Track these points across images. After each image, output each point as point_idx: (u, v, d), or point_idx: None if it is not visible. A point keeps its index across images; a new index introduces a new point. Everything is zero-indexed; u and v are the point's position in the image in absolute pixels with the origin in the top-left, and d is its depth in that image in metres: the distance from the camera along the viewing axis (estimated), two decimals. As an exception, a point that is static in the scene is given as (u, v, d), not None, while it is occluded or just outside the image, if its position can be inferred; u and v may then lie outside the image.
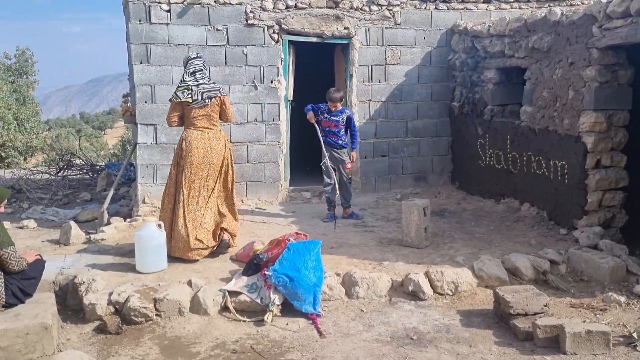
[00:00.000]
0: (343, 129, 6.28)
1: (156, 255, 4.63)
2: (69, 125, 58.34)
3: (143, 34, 6.57)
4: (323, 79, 9.01)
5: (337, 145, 6.28)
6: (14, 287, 3.83)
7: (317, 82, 9.43)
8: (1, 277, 3.79)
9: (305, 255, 4.24)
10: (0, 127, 21.45)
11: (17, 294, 3.85)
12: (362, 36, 7.31)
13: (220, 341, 3.80)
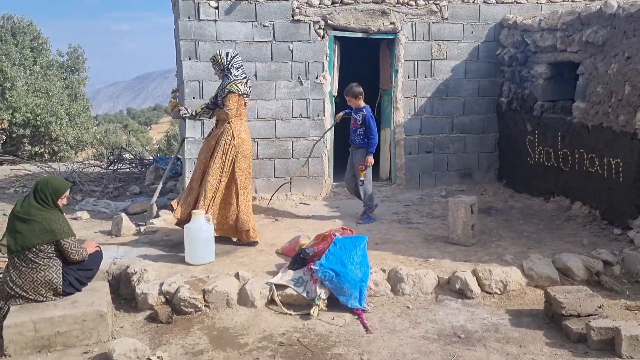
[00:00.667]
0: (361, 129, 6.07)
1: (205, 247, 4.73)
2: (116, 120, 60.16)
3: (192, 31, 6.70)
4: (367, 74, 8.98)
5: (355, 143, 6.19)
6: (72, 277, 3.99)
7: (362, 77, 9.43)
8: (60, 267, 3.95)
9: (352, 250, 4.25)
10: (53, 122, 22.31)
11: (74, 284, 4.01)
12: (408, 31, 7.23)
13: (267, 333, 3.86)
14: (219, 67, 5.23)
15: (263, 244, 5.35)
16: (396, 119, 7.37)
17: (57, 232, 3.89)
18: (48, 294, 3.87)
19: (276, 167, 7.08)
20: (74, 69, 27.59)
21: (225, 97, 5.15)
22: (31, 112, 21.45)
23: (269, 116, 6.99)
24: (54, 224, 3.90)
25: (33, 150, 22.11)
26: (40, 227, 3.85)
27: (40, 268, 3.87)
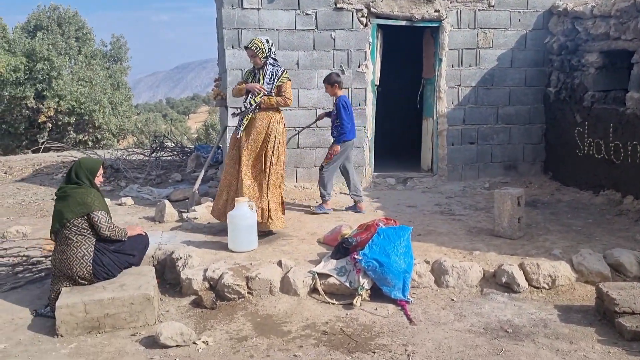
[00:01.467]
0: (337, 120, 5.97)
1: (248, 235, 4.75)
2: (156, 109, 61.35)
3: (235, 19, 6.72)
4: (410, 63, 8.86)
5: (333, 136, 6.10)
6: (106, 257, 4.01)
7: (404, 66, 9.31)
8: (92, 244, 4.00)
9: (395, 241, 4.20)
10: (96, 111, 22.90)
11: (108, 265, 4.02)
12: (453, 19, 7.08)
13: (310, 322, 3.85)
14: (262, 54, 5.17)
15: (304, 232, 5.35)
16: (439, 108, 7.24)
17: (88, 205, 3.96)
18: (80, 272, 3.92)
19: (317, 157, 7.06)
20: (116, 59, 28.18)
21: (285, 85, 5.18)
22: (76, 101, 22.06)
23: (310, 105, 6.97)
24: (86, 197, 3.98)
25: (77, 137, 22.76)
26: (73, 201, 3.96)
27: (74, 244, 3.94)
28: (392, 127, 9.30)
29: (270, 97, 5.17)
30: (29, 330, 3.76)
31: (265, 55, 5.16)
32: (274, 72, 5.18)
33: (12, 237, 5.63)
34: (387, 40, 7.48)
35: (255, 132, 5.16)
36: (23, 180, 8.50)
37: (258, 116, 5.19)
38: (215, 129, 32.59)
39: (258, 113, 5.19)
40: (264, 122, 5.17)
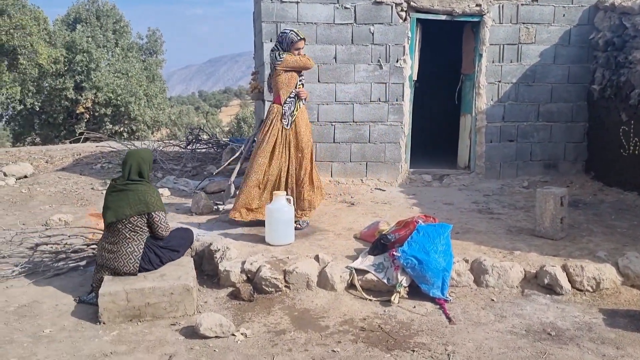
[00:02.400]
0: None
1: (285, 228, 4.76)
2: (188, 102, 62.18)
3: (274, 13, 6.72)
4: (448, 58, 8.74)
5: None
6: (152, 253, 4.09)
7: (442, 62, 9.19)
8: (143, 241, 4.06)
9: (435, 238, 4.14)
10: (132, 102, 23.32)
11: (153, 260, 4.07)
12: (495, 13, 6.93)
13: (348, 317, 3.84)
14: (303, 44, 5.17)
15: (341, 228, 5.33)
16: (478, 105, 7.11)
17: (150, 205, 4.03)
18: (126, 267, 3.98)
19: (352, 152, 7.02)
20: (152, 52, 28.62)
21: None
22: (112, 92, 22.51)
23: (347, 100, 6.93)
24: (148, 196, 4.04)
25: (113, 129, 23.24)
26: (135, 198, 4.00)
27: (126, 240, 4.00)
28: (428, 123, 9.17)
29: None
30: (72, 317, 3.85)
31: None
32: None
33: (54, 224, 5.77)
34: (426, 35, 7.37)
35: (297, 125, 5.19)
36: (64, 169, 8.70)
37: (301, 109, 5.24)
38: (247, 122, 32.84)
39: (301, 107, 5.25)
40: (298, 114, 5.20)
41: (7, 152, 10.75)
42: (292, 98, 5.13)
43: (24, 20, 20.14)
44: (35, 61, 20.48)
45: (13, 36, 19.88)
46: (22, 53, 20.29)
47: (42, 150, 10.94)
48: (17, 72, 20.61)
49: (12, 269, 4.53)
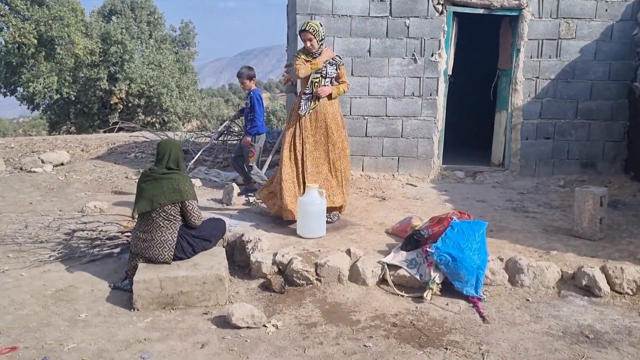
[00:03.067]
0: (251, 113, 6.04)
1: (317, 221, 4.74)
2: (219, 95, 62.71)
3: (309, 5, 6.69)
4: (483, 53, 8.59)
5: (247, 129, 6.13)
6: (185, 242, 4.13)
7: (477, 56, 9.03)
8: (176, 230, 4.10)
9: (470, 235, 4.07)
10: (164, 94, 23.61)
11: (185, 249, 4.12)
12: (534, 7, 6.76)
13: (379, 313, 3.81)
14: (318, 38, 5.00)
15: (372, 222, 5.29)
16: (514, 101, 6.96)
17: (184, 193, 4.06)
18: (160, 255, 4.03)
19: (384, 146, 6.96)
20: (184, 44, 28.90)
21: (343, 70, 5.17)
22: (145, 84, 22.82)
23: (380, 94, 6.86)
24: (182, 184, 4.07)
25: (145, 119, 23.59)
26: (169, 186, 4.03)
27: (160, 229, 4.04)
28: (460, 118, 9.03)
29: (339, 86, 5.15)
30: (107, 302, 3.91)
31: (320, 39, 5.03)
32: (335, 58, 5.11)
33: (90, 211, 5.88)
34: (461, 28, 7.24)
35: (319, 119, 5.10)
36: (99, 158, 8.86)
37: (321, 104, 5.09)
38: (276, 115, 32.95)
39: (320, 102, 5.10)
40: (330, 109, 5.10)
41: (45, 140, 11.01)
42: (307, 94, 5.09)
43: (62, 12, 20.59)
44: (71, 52, 20.92)
45: (51, 27, 20.35)
46: (60, 44, 20.77)
47: (77, 139, 11.17)
48: (54, 62, 21.10)
49: (49, 254, 4.63)
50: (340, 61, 5.15)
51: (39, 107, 24.09)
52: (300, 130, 5.13)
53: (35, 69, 20.68)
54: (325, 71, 5.07)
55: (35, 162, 7.75)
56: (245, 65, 6.37)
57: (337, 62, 5.12)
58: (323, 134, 5.09)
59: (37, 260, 4.52)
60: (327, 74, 5.08)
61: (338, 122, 5.14)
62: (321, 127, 5.09)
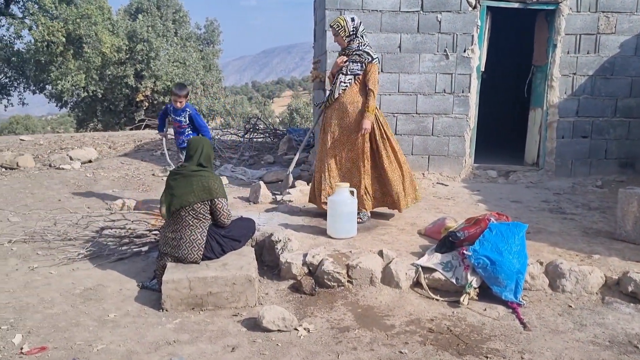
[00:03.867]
0: (188, 129, 5.88)
1: (348, 221, 4.62)
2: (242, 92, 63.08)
3: (338, 0, 6.55)
4: (516, 48, 8.36)
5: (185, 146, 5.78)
6: (214, 241, 4.05)
7: (510, 52, 8.80)
8: (206, 229, 4.02)
9: (509, 238, 3.90)
10: (189, 91, 23.76)
11: (215, 249, 4.04)
12: (572, 1, 6.52)
13: (414, 317, 3.67)
14: (344, 33, 4.84)
15: (403, 223, 5.15)
16: (550, 98, 6.73)
17: (213, 191, 3.98)
18: (190, 255, 3.96)
19: (414, 144, 6.80)
20: (209, 41, 29.03)
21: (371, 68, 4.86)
22: (171, 81, 22.95)
23: (410, 90, 6.70)
24: (212, 182, 4.00)
25: (170, 116, 23.75)
26: (199, 185, 3.96)
27: (189, 227, 3.97)
28: (491, 115, 8.80)
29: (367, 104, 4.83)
30: (135, 302, 3.85)
31: (348, 35, 4.84)
32: (361, 54, 4.83)
33: (118, 209, 5.86)
34: (493, 23, 7.03)
35: (346, 115, 4.94)
36: (126, 155, 8.87)
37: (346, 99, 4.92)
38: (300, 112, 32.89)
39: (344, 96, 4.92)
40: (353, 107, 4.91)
41: (72, 137, 11.11)
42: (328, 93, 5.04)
43: (89, 10, 20.81)
44: (99, 50, 21.15)
45: (79, 25, 20.58)
46: (87, 42, 20.99)
47: (104, 136, 11.24)
48: (82, 60, 21.35)
49: (78, 252, 4.60)
50: (367, 58, 4.81)
51: (67, 104, 24.43)
52: (324, 125, 5.10)
53: (63, 67, 20.95)
54: (347, 68, 4.89)
55: (64, 159, 7.79)
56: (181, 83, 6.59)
57: (364, 59, 4.83)
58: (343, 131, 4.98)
59: (66, 258, 4.49)
60: (347, 70, 4.89)
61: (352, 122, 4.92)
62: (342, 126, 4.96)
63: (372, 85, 4.82)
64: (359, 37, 4.86)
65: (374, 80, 4.83)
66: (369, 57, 4.82)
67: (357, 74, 4.85)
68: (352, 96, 4.88)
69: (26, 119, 43.30)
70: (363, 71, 4.84)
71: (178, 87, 5.94)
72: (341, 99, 4.91)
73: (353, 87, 4.88)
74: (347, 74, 4.85)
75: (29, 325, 3.46)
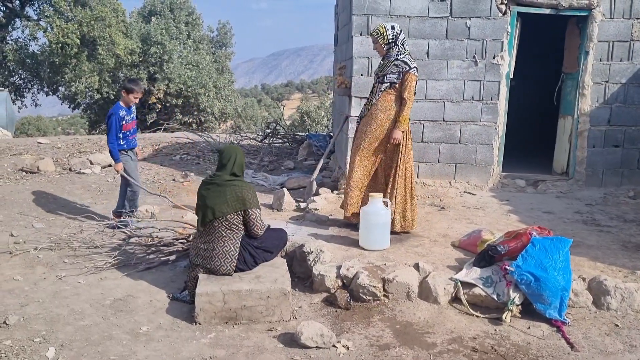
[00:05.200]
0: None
1: (381, 233, 4.50)
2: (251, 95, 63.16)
3: (365, 5, 6.44)
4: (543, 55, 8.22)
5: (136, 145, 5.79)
6: (247, 253, 3.95)
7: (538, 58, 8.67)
8: (239, 240, 3.91)
9: (554, 253, 3.76)
10: (202, 94, 23.72)
11: (247, 261, 3.94)
12: (606, 7, 6.36)
13: (456, 335, 3.54)
14: (383, 41, 4.72)
15: (435, 234, 5.02)
16: (581, 106, 6.57)
17: (247, 201, 3.88)
18: (223, 267, 3.86)
19: (441, 152, 6.67)
20: (222, 44, 29.03)
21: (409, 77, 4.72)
22: (183, 84, 22.97)
23: (438, 97, 6.57)
24: (246, 192, 3.90)
25: (183, 119, 23.74)
26: (233, 195, 3.86)
27: (222, 238, 3.87)
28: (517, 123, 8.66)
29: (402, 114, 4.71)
30: (167, 314, 3.75)
31: (387, 43, 4.72)
32: (398, 63, 4.70)
33: (141, 216, 5.77)
34: (523, 30, 6.89)
35: (377, 123, 4.84)
36: (145, 159, 8.79)
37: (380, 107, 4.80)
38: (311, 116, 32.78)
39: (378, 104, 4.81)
40: (385, 115, 4.80)
41: (89, 140, 11.04)
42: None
43: (104, 12, 20.84)
44: (112, 52, 21.17)
45: (94, 27, 20.61)
46: (101, 44, 21.01)
47: (121, 139, 11.17)
48: (95, 62, 21.37)
49: (105, 260, 4.51)
50: (404, 67, 4.69)
51: (80, 106, 24.48)
52: (356, 133, 4.99)
53: (77, 69, 20.98)
54: (384, 76, 4.78)
55: (84, 164, 7.72)
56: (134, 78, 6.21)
57: (401, 68, 4.71)
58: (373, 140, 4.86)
59: (94, 267, 4.40)
60: (384, 78, 4.78)
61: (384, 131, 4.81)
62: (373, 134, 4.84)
63: (407, 95, 4.71)
64: (398, 45, 4.75)
65: (410, 90, 4.72)
66: (407, 66, 4.70)
67: (393, 83, 4.73)
68: (385, 104, 4.77)
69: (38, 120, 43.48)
70: (400, 80, 4.72)
71: (135, 82, 5.64)
72: (375, 107, 4.80)
73: (388, 95, 4.77)
74: (384, 82, 4.75)
75: (61, 338, 3.37)
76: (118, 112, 5.51)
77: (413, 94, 4.79)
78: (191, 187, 7.34)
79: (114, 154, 5.50)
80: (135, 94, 5.54)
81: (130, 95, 5.53)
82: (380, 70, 4.84)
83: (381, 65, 4.88)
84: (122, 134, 5.56)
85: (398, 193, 4.82)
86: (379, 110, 4.78)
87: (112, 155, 5.52)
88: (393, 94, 4.78)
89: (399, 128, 4.70)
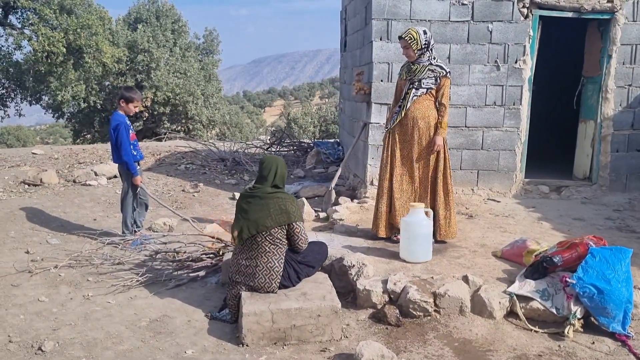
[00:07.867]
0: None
1: (424, 244, 4.31)
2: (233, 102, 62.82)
3: (385, 9, 6.28)
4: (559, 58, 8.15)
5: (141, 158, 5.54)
6: (291, 269, 3.74)
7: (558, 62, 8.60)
8: (283, 255, 3.70)
9: (616, 264, 3.61)
10: (190, 102, 23.38)
11: (291, 276, 3.74)
12: (629, 10, 6.29)
13: (519, 352, 3.36)
14: (416, 46, 4.55)
15: (472, 243, 4.85)
16: (604, 111, 6.49)
17: (292, 214, 3.67)
18: (267, 284, 3.64)
19: (463, 159, 6.52)
20: (209, 51, 28.68)
21: (444, 84, 4.60)
22: (171, 92, 22.60)
23: (459, 103, 6.42)
24: (290, 205, 3.68)
25: (171, 127, 23.37)
26: (276, 208, 3.64)
27: (266, 254, 3.65)
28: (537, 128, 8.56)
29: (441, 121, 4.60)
30: (210, 336, 3.51)
31: (419, 48, 4.56)
32: (434, 68, 4.58)
33: (160, 229, 5.52)
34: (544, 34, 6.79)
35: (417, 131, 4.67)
36: (149, 169, 8.50)
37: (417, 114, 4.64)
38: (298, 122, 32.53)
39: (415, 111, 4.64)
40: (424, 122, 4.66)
41: (85, 150, 10.70)
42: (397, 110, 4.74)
43: (90, 20, 20.42)
44: (99, 60, 20.74)
45: (80, 35, 20.17)
46: (88, 52, 20.57)
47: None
48: (82, 71, 20.91)
49: (132, 278, 4.24)
50: (441, 72, 4.57)
51: (64, 115, 23.93)
52: (389, 142, 4.78)
53: (63, 78, 20.51)
54: (419, 81, 4.62)
55: (89, 175, 7.41)
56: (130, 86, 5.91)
57: (437, 73, 4.58)
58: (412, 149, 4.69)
59: (121, 285, 4.13)
60: (421, 84, 4.63)
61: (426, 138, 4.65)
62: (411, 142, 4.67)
63: (445, 100, 4.59)
64: (429, 50, 4.59)
65: (447, 95, 4.62)
66: (443, 70, 4.57)
67: (430, 88, 4.57)
68: (423, 111, 4.60)
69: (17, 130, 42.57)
70: (437, 85, 4.56)
71: (134, 90, 5.40)
72: (411, 114, 4.62)
73: (425, 101, 4.60)
74: (421, 87, 4.57)
75: (103, 366, 3.11)
76: (124, 120, 5.27)
77: (449, 98, 4.66)
78: (202, 198, 7.08)
79: (131, 167, 5.21)
80: (135, 102, 5.30)
81: (130, 105, 5.29)
82: (414, 75, 4.66)
83: (411, 69, 4.69)
84: (132, 144, 5.31)
85: (439, 201, 4.64)
86: (417, 117, 4.60)
87: (129, 168, 5.22)
88: (429, 100, 4.62)
89: (441, 134, 4.54)
